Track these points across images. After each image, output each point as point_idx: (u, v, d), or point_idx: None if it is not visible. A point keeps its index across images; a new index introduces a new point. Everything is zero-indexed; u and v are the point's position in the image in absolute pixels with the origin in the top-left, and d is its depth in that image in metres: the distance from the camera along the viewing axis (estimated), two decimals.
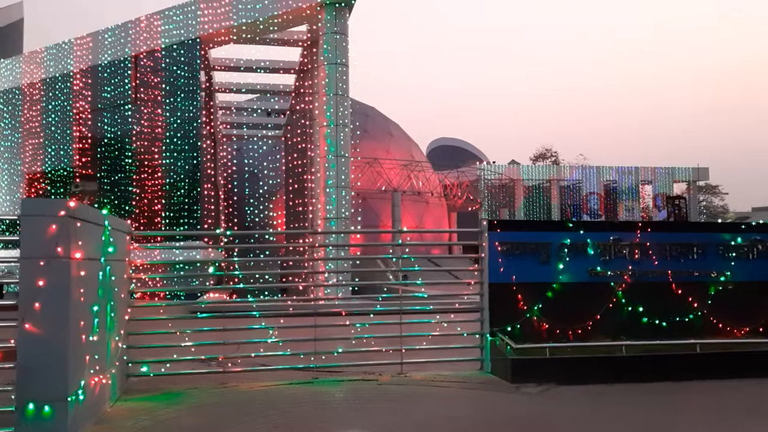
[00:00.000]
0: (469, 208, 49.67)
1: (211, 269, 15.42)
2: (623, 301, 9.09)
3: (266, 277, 13.81)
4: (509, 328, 8.70)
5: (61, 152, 31.33)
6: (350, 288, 21.74)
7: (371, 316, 9.76)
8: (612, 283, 9.11)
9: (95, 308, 6.24)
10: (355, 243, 20.53)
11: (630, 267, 9.17)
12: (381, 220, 36.26)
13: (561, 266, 8.99)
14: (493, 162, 58.15)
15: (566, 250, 9.04)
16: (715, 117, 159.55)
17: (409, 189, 38.34)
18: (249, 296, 9.39)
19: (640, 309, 9.11)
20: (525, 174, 54.48)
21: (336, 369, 8.73)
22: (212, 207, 29.16)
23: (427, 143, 73.31)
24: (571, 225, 9.35)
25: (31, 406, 5.29)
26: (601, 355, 8.42)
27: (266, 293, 15.04)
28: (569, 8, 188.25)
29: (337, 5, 24.35)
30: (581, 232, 9.18)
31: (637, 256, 9.22)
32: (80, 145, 30.62)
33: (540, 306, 8.86)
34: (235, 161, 38.58)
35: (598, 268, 9.10)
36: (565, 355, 8.38)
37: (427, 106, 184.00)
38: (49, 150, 31.71)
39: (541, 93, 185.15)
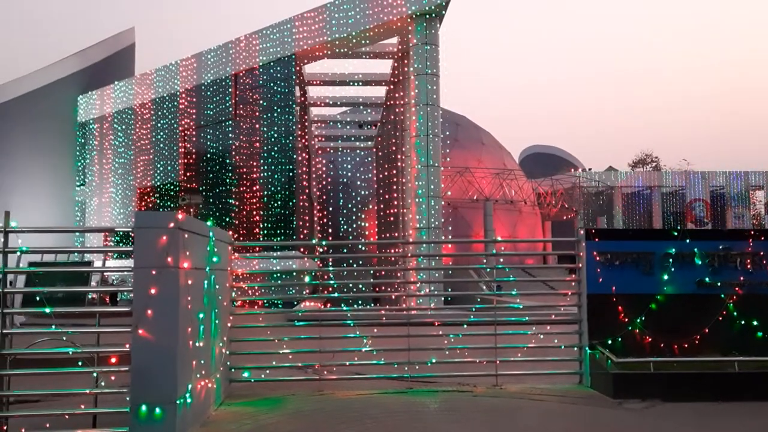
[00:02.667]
0: (564, 217, 48.37)
1: (307, 278, 15.81)
2: (735, 314, 8.53)
3: (359, 286, 14.04)
4: (609, 341, 8.37)
5: (168, 167, 33.27)
6: (442, 298, 21.68)
7: (465, 326, 9.68)
8: (722, 295, 8.58)
9: (201, 315, 6.55)
10: (447, 253, 20.48)
11: (742, 278, 8.61)
12: (473, 229, 35.94)
13: (666, 277, 8.57)
14: (589, 169, 56.40)
15: (671, 260, 8.60)
16: None
17: (502, 198, 37.81)
18: (343, 305, 9.56)
19: (754, 323, 8.52)
20: (623, 181, 52.42)
21: (430, 379, 8.71)
22: (307, 218, 29.98)
23: (519, 151, 72.19)
24: (676, 233, 8.89)
25: (143, 407, 5.59)
26: (711, 372, 7.93)
27: (359, 302, 15.24)
28: (668, 8, 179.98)
29: (427, 16, 24.49)
30: (687, 240, 8.71)
31: (749, 267, 8.64)
32: (185, 160, 32.40)
33: (642, 318, 8.48)
34: (330, 173, 39.54)
35: (707, 279, 8.59)
36: (670, 371, 7.97)
37: (520, 113, 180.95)
38: (158, 165, 33.77)
39: (639, 96, 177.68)
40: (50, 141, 38.40)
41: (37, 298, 6.58)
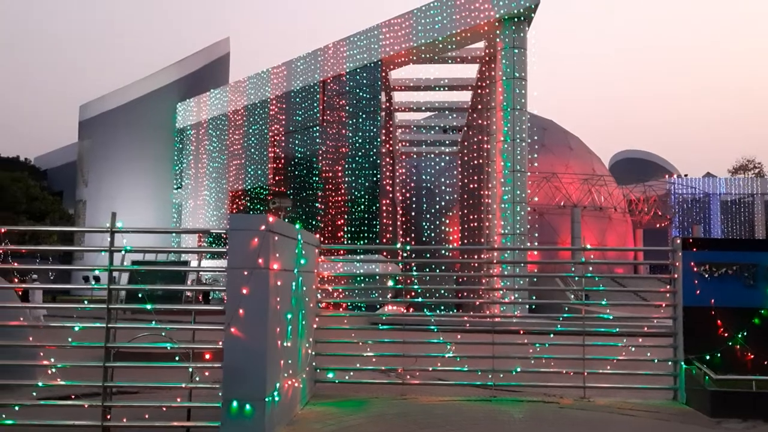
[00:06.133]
0: (657, 225, 46.32)
1: (390, 282, 15.92)
2: None
3: (442, 291, 14.01)
4: (707, 357, 7.94)
5: (259, 172, 34.42)
6: (527, 306, 21.25)
7: (551, 336, 9.44)
8: None
9: (289, 316, 6.73)
10: (532, 260, 20.05)
11: None
12: (559, 236, 35.04)
13: None
14: (685, 175, 53.69)
15: None
16: None
17: (590, 204, 36.67)
18: (425, 310, 9.52)
19: None
20: (722, 188, 49.63)
21: (514, 388, 8.56)
22: (390, 222, 30.17)
23: (609, 156, 69.81)
24: None
25: (234, 404, 5.80)
26: None
27: (442, 308, 15.16)
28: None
29: (515, 19, 24.16)
30: None
31: None
32: (274, 165, 33.42)
33: (745, 334, 7.99)
34: (414, 177, 39.65)
35: None
36: None
37: (610, 117, 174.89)
38: (249, 170, 35.01)
39: (740, 98, 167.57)
40: (151, 146, 40.61)
41: (140, 295, 6.95)
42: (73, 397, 6.82)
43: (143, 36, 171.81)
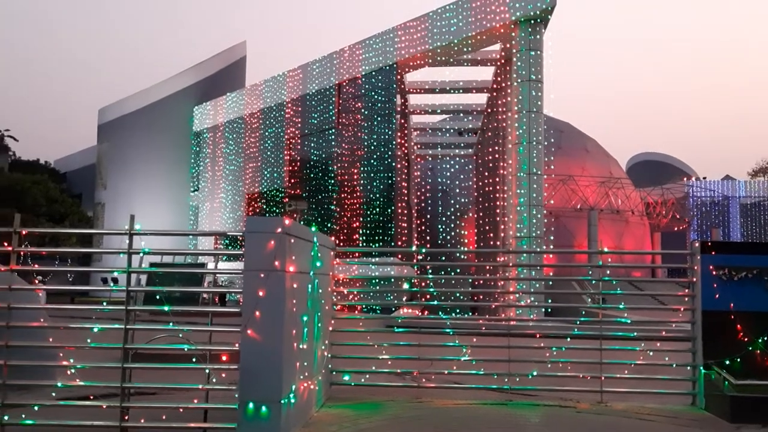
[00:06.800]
0: (675, 228, 45.87)
1: (405, 285, 15.89)
2: None
3: (457, 294, 13.98)
4: (727, 362, 7.84)
5: (275, 174, 34.58)
6: (542, 310, 21.12)
7: (568, 339, 9.38)
8: None
9: (305, 318, 6.75)
10: (548, 263, 19.96)
11: None
12: (576, 239, 34.80)
13: None
14: (704, 177, 53.17)
15: None
16: None
17: (607, 207, 36.40)
18: (440, 313, 9.51)
19: None
20: (742, 190, 49.07)
21: (531, 392, 8.52)
22: (405, 224, 30.16)
23: (627, 159, 69.29)
24: None
25: (251, 405, 5.82)
26: None
27: (457, 311, 15.10)
28: None
29: (531, 21, 24.07)
30: None
31: None
32: (290, 168, 33.54)
33: (765, 338, 7.88)
34: (429, 180, 39.62)
35: None
36: None
37: (628, 119, 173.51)
38: (265, 172, 35.18)
39: (761, 99, 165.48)
40: (168, 149, 40.94)
41: (157, 297, 7.00)
42: (91, 397, 6.89)
43: (159, 40, 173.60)
